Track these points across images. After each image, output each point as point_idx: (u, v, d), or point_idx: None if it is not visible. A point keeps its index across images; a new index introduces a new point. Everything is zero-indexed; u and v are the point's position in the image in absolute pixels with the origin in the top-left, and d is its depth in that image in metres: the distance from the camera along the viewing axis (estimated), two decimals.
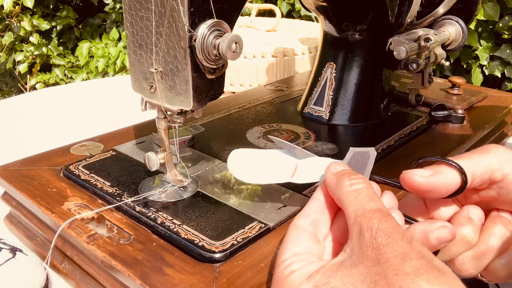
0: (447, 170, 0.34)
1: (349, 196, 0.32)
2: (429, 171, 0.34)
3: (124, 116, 0.80)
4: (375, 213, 0.30)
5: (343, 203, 0.32)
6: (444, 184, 0.34)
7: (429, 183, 0.34)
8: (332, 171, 0.35)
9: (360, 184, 0.33)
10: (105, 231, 0.41)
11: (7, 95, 2.65)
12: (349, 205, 0.32)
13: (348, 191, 0.32)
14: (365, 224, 0.30)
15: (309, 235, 0.33)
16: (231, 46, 0.38)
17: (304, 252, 0.32)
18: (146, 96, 0.43)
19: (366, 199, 0.31)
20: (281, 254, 0.33)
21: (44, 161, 0.52)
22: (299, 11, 1.63)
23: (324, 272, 0.29)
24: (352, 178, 0.33)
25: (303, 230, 0.33)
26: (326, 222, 0.35)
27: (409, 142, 0.59)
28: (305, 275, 0.30)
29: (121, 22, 2.27)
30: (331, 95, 0.64)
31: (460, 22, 0.63)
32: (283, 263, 0.32)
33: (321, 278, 0.29)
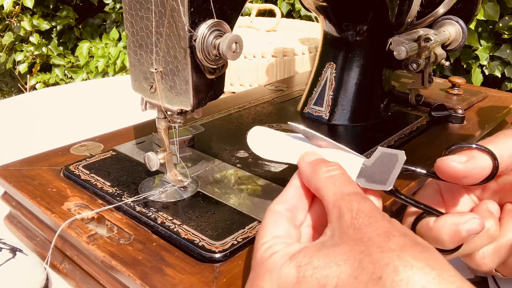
0: (480, 155, 0.34)
1: (326, 182, 0.32)
2: (463, 157, 0.34)
3: (124, 116, 0.80)
4: (353, 196, 0.30)
5: (320, 189, 0.32)
6: (479, 169, 0.34)
7: (466, 169, 0.33)
8: (307, 161, 0.35)
9: (336, 171, 0.33)
10: (105, 231, 0.41)
11: (7, 95, 2.65)
12: (326, 190, 0.32)
13: (325, 177, 0.33)
14: (345, 206, 0.30)
15: (288, 219, 0.33)
16: (231, 46, 0.38)
17: (283, 235, 0.32)
18: (146, 96, 0.43)
19: (344, 184, 0.32)
20: (260, 237, 0.32)
21: (44, 161, 0.52)
22: (299, 11, 1.63)
23: (306, 252, 0.29)
24: (328, 165, 0.34)
25: (281, 215, 0.33)
26: (303, 209, 0.34)
27: (409, 142, 0.59)
28: (286, 256, 0.30)
29: (121, 22, 2.27)
30: (331, 95, 0.64)
31: (460, 22, 0.63)
32: (263, 245, 0.31)
33: (304, 258, 0.29)
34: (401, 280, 0.25)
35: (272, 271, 0.30)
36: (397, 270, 0.25)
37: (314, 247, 0.29)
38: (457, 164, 0.33)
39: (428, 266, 0.25)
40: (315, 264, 0.28)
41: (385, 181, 0.34)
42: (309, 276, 0.28)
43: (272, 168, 0.51)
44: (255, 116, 0.66)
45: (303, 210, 0.34)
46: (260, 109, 0.68)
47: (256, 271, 0.31)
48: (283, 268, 0.29)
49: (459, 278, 0.25)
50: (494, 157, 0.34)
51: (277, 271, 0.29)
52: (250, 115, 0.66)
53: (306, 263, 0.28)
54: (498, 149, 0.34)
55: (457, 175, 0.34)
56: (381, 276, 0.25)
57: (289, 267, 0.29)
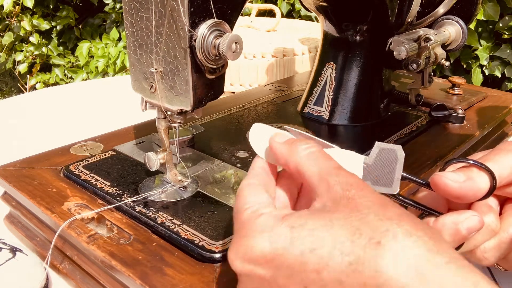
0: (478, 176, 0.33)
1: (308, 159, 0.32)
2: (461, 176, 0.33)
3: (124, 116, 0.80)
4: (340, 170, 0.30)
5: (302, 166, 0.31)
6: (475, 191, 0.33)
7: (461, 190, 0.33)
8: (279, 141, 0.34)
9: (314, 147, 0.33)
10: (105, 231, 0.41)
11: (7, 95, 2.65)
12: (309, 167, 0.31)
13: (306, 154, 0.32)
14: (333, 179, 0.29)
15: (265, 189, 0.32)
16: (231, 46, 0.38)
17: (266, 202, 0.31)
18: (146, 96, 0.43)
19: (325, 160, 0.31)
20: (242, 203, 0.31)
21: (44, 161, 0.52)
22: (299, 11, 1.63)
23: (299, 215, 0.29)
24: (305, 142, 0.33)
25: (257, 185, 0.33)
26: (272, 185, 0.34)
27: (409, 142, 0.59)
28: (277, 217, 0.29)
29: (121, 22, 2.27)
30: (331, 95, 0.64)
31: (460, 22, 0.63)
32: (247, 209, 0.30)
33: (297, 219, 0.28)
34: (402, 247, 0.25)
35: (263, 231, 0.28)
36: (396, 237, 0.25)
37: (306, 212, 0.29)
38: (453, 183, 0.33)
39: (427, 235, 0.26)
40: (310, 226, 0.27)
41: (391, 183, 0.34)
42: (303, 237, 0.27)
43: None
44: (255, 116, 0.66)
45: (272, 187, 0.34)
46: (260, 109, 0.68)
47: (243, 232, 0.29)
48: (275, 228, 0.28)
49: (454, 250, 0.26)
50: (493, 177, 0.33)
51: (269, 231, 0.28)
52: (250, 115, 0.66)
53: (300, 225, 0.28)
54: (498, 167, 0.34)
55: (451, 194, 0.33)
56: (379, 241, 0.25)
57: (281, 227, 0.28)
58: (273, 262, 0.28)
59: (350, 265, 0.26)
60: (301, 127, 0.62)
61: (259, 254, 0.28)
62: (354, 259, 0.25)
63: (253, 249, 0.28)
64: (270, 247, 0.28)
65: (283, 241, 0.28)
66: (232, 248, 0.30)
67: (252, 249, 0.28)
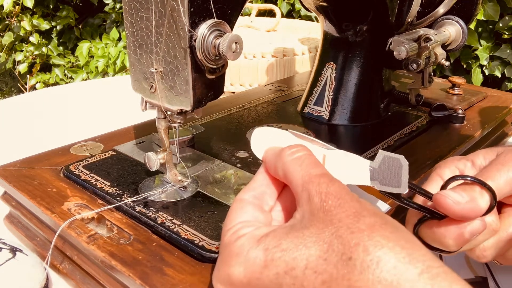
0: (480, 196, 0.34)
1: (293, 165, 0.32)
2: (464, 197, 0.33)
3: (124, 116, 0.80)
4: (322, 178, 0.30)
5: (288, 173, 0.32)
6: (476, 212, 0.33)
7: (462, 211, 0.33)
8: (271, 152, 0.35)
9: (301, 152, 0.33)
10: (105, 231, 0.41)
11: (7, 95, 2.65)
12: (294, 173, 0.31)
13: (291, 160, 0.32)
14: (313, 189, 0.29)
15: (254, 206, 0.33)
16: (231, 46, 0.38)
17: (250, 220, 0.31)
18: (146, 96, 0.43)
19: (311, 166, 0.31)
20: (226, 224, 0.32)
21: (44, 161, 0.52)
22: (299, 11, 1.63)
23: (274, 235, 0.29)
24: (292, 147, 0.33)
25: (247, 202, 0.33)
26: (272, 194, 0.34)
27: (409, 142, 0.59)
28: (254, 239, 0.29)
29: (121, 22, 2.27)
30: (331, 95, 0.64)
31: (460, 22, 0.63)
32: (229, 230, 0.31)
33: (271, 241, 0.28)
34: (371, 260, 0.25)
35: (238, 255, 0.29)
36: (367, 250, 0.25)
37: (282, 230, 0.29)
38: (455, 205, 0.33)
39: (398, 245, 0.25)
40: (284, 247, 0.28)
41: (399, 184, 0.34)
42: (277, 258, 0.27)
43: None
44: (255, 116, 0.66)
45: (272, 196, 0.34)
46: (260, 109, 0.68)
47: (223, 256, 0.30)
48: (251, 251, 0.29)
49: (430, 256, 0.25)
50: (494, 197, 0.34)
51: (244, 254, 0.29)
52: (250, 115, 0.66)
53: (274, 246, 0.28)
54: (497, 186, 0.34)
55: (453, 214, 0.34)
56: (350, 257, 0.25)
57: (256, 250, 0.28)
58: (251, 286, 0.28)
59: (323, 283, 0.26)
60: (301, 127, 0.62)
61: (236, 279, 0.29)
62: (327, 277, 0.25)
63: (230, 276, 0.29)
64: (245, 272, 0.28)
65: (258, 264, 0.28)
66: (214, 273, 0.31)
67: (230, 275, 0.29)
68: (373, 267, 0.24)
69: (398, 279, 0.24)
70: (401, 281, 0.24)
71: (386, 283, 0.24)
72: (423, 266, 0.24)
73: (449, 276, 0.24)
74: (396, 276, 0.24)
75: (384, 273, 0.24)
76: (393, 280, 0.24)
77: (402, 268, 0.24)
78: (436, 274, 0.24)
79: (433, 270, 0.24)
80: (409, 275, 0.24)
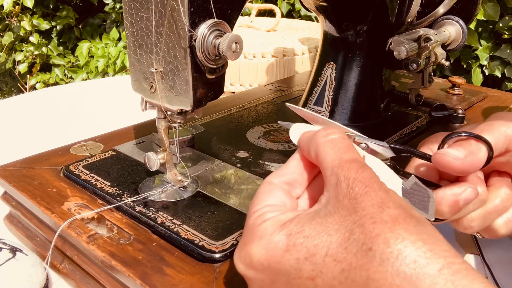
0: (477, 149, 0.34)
1: (326, 147, 0.31)
2: (462, 152, 0.34)
3: (124, 116, 0.80)
4: (352, 163, 0.29)
5: (319, 154, 0.31)
6: (476, 164, 0.34)
7: (463, 165, 0.34)
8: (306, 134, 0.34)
9: (336, 134, 0.32)
10: (105, 231, 0.41)
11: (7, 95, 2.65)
12: (325, 156, 0.31)
13: (324, 141, 0.31)
14: (342, 174, 0.29)
15: (283, 190, 0.32)
16: (231, 46, 0.38)
17: (277, 204, 0.31)
18: (146, 96, 0.43)
19: (343, 150, 0.31)
20: (253, 206, 0.32)
21: (44, 161, 0.52)
22: (299, 11, 1.63)
23: (298, 221, 0.29)
24: (327, 129, 0.33)
25: (276, 186, 0.32)
26: (302, 183, 0.34)
27: (409, 142, 0.59)
28: (278, 223, 0.29)
29: (121, 22, 2.27)
30: (331, 95, 0.64)
31: (460, 22, 0.63)
32: (255, 213, 0.31)
33: (295, 227, 0.28)
34: (391, 253, 0.24)
35: (261, 238, 0.29)
36: (387, 242, 0.25)
37: (307, 216, 0.29)
38: (455, 160, 0.34)
39: (420, 240, 0.25)
40: (306, 233, 0.28)
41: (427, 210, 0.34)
42: (299, 244, 0.27)
43: (272, 168, 0.51)
44: (255, 116, 0.66)
45: (302, 185, 0.34)
46: (260, 109, 0.68)
47: (246, 237, 0.30)
48: (274, 235, 0.29)
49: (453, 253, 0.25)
50: (491, 148, 0.34)
51: (267, 237, 0.29)
52: (250, 115, 0.66)
53: (297, 232, 0.28)
54: (493, 137, 0.35)
55: (454, 170, 0.34)
56: (371, 247, 0.25)
57: (279, 234, 0.28)
58: (271, 268, 0.28)
59: (342, 272, 0.26)
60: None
61: (257, 261, 0.29)
62: (346, 266, 0.25)
63: (252, 256, 0.29)
64: (267, 255, 0.29)
65: (280, 248, 0.28)
66: (236, 252, 0.31)
67: (251, 256, 0.29)
68: (393, 259, 0.24)
69: (418, 273, 0.24)
70: (420, 275, 0.23)
71: (405, 276, 0.24)
72: (444, 261, 0.24)
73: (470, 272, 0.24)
74: (415, 271, 0.24)
75: (403, 266, 0.24)
76: (413, 274, 0.24)
77: (423, 263, 0.24)
78: (457, 271, 0.24)
79: (454, 266, 0.24)
80: (429, 270, 0.24)
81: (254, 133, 0.60)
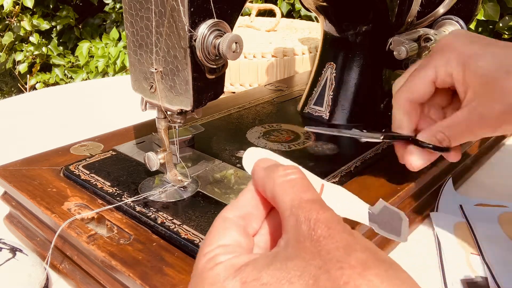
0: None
1: (284, 187, 0.29)
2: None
3: (124, 116, 0.80)
4: (313, 204, 0.27)
5: (277, 195, 0.29)
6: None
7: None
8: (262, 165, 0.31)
9: (295, 175, 0.30)
10: (105, 231, 0.41)
11: (7, 95, 2.65)
12: (284, 196, 0.28)
13: (283, 181, 0.29)
14: (302, 215, 0.26)
15: (238, 227, 0.29)
16: (231, 46, 0.38)
17: (231, 244, 0.28)
18: (146, 96, 0.43)
19: (303, 189, 0.28)
20: (204, 246, 0.29)
21: (44, 161, 0.52)
22: (299, 11, 1.63)
23: (254, 265, 0.26)
24: (286, 168, 0.30)
25: (231, 222, 0.30)
26: (258, 217, 0.31)
27: None
28: (232, 268, 0.26)
29: (121, 22, 2.27)
30: (331, 95, 0.64)
31: (460, 22, 0.63)
32: (206, 255, 0.28)
33: (251, 273, 0.25)
34: None
35: (213, 285, 0.26)
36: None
37: (264, 260, 0.26)
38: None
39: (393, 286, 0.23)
40: (264, 281, 0.25)
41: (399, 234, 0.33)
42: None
43: None
44: (255, 116, 0.66)
45: (258, 219, 0.31)
46: (260, 109, 0.68)
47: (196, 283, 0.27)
48: (227, 282, 0.26)
49: None
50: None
51: (219, 285, 0.26)
52: (250, 115, 0.66)
53: (253, 279, 0.25)
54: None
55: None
56: None
57: (233, 281, 0.26)
58: None
59: None
60: (301, 127, 0.62)
61: None
62: None
63: None
64: None
65: None
66: None
67: None
68: None
69: None
70: None
71: None
72: None
73: None
74: None
75: None
76: None
77: None
78: None
79: None
80: None
81: (254, 133, 0.60)
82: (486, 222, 0.49)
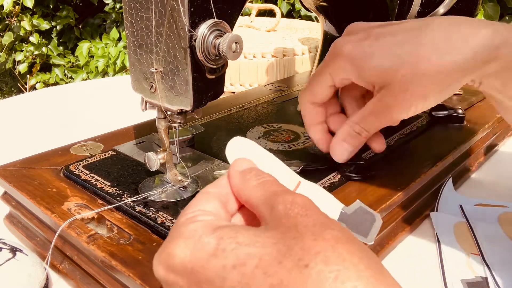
0: None
1: (257, 188, 0.29)
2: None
3: (124, 116, 0.80)
4: (286, 192, 0.28)
5: (250, 196, 0.29)
6: None
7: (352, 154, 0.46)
8: (237, 169, 0.32)
9: (269, 177, 0.31)
10: (105, 231, 0.41)
11: (7, 95, 2.65)
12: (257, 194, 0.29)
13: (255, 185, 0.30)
14: (276, 200, 0.27)
15: (219, 201, 0.30)
16: (231, 46, 0.38)
17: (212, 212, 0.29)
18: (146, 96, 0.43)
19: (275, 186, 0.29)
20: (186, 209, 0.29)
21: (44, 161, 0.52)
22: (299, 11, 1.63)
23: (232, 227, 0.26)
24: (259, 174, 0.31)
25: (213, 195, 0.30)
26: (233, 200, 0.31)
27: (409, 142, 0.59)
28: (210, 227, 0.26)
29: (121, 22, 2.28)
30: None
31: None
32: (187, 215, 0.28)
33: (229, 232, 0.26)
34: (330, 272, 0.22)
35: (188, 238, 0.26)
36: (327, 260, 0.23)
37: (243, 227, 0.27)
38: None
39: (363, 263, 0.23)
40: (239, 240, 0.25)
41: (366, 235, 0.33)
42: (229, 250, 0.25)
43: None
44: (255, 116, 0.66)
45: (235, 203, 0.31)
46: (260, 109, 0.68)
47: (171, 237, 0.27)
48: (203, 237, 0.26)
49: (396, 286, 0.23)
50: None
51: (196, 238, 0.26)
52: (250, 115, 0.66)
53: (230, 237, 0.25)
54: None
55: None
56: (307, 264, 0.23)
57: (209, 237, 0.26)
58: (193, 274, 0.25)
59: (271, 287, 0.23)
60: (301, 127, 0.62)
61: (180, 263, 0.26)
62: (277, 281, 0.23)
63: (175, 257, 0.26)
64: (191, 256, 0.26)
65: (206, 251, 0.25)
66: (156, 254, 0.28)
67: (174, 257, 0.26)
68: (330, 280, 0.22)
69: None
70: None
71: None
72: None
73: None
74: None
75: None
76: None
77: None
78: None
79: None
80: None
81: (254, 133, 0.60)
82: (486, 222, 0.49)
